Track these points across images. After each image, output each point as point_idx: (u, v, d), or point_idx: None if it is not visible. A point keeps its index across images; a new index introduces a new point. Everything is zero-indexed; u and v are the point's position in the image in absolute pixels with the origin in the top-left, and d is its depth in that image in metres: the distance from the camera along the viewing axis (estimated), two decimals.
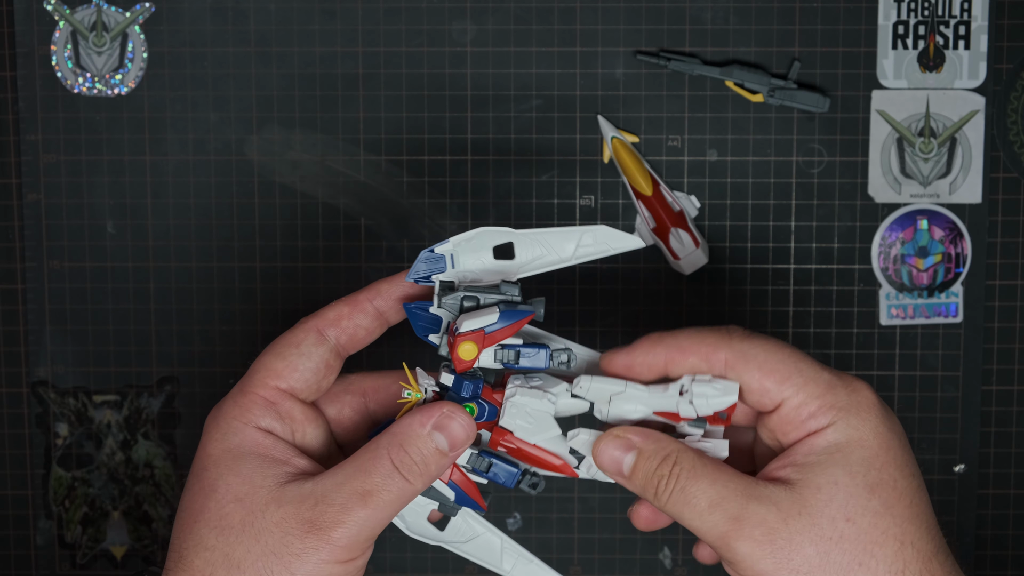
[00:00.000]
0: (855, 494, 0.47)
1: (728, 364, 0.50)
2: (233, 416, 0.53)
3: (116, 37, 0.72)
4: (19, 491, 0.75)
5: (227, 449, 0.52)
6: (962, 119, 0.71)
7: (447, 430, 0.51)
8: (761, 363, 0.50)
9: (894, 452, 0.48)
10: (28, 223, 0.73)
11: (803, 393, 0.49)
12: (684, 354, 0.51)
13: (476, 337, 0.51)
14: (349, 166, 0.72)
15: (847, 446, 0.48)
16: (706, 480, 0.48)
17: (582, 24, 0.71)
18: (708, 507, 0.48)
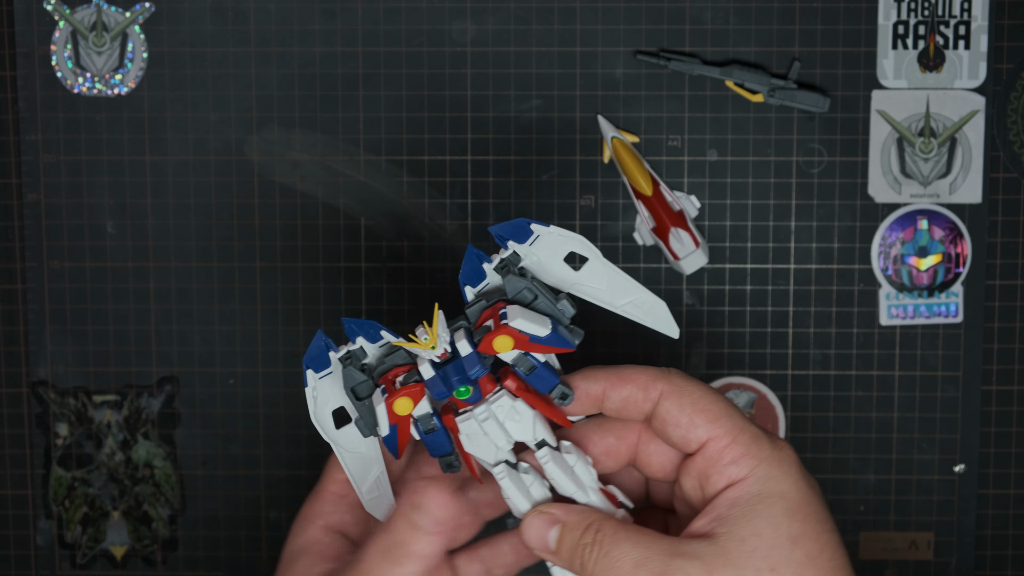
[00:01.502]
0: (778, 545, 0.47)
1: (664, 395, 0.51)
2: (304, 515, 0.57)
3: (116, 37, 0.72)
4: (19, 491, 0.75)
5: (292, 550, 0.56)
6: (962, 119, 0.71)
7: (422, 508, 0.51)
8: (696, 400, 0.50)
9: (814, 507, 0.49)
10: (28, 223, 0.73)
11: (729, 436, 0.50)
12: (623, 382, 0.52)
13: (519, 338, 0.50)
14: (349, 166, 0.72)
15: (769, 497, 0.48)
16: (628, 543, 0.49)
17: (582, 24, 0.71)
18: (632, 568, 0.48)
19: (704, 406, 0.50)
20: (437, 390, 0.50)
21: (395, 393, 0.50)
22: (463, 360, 0.50)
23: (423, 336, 0.50)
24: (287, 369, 0.74)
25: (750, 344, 0.73)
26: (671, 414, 0.51)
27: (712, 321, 0.73)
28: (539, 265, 0.52)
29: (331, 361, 0.52)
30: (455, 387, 0.50)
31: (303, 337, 0.73)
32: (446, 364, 0.50)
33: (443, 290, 0.73)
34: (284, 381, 0.74)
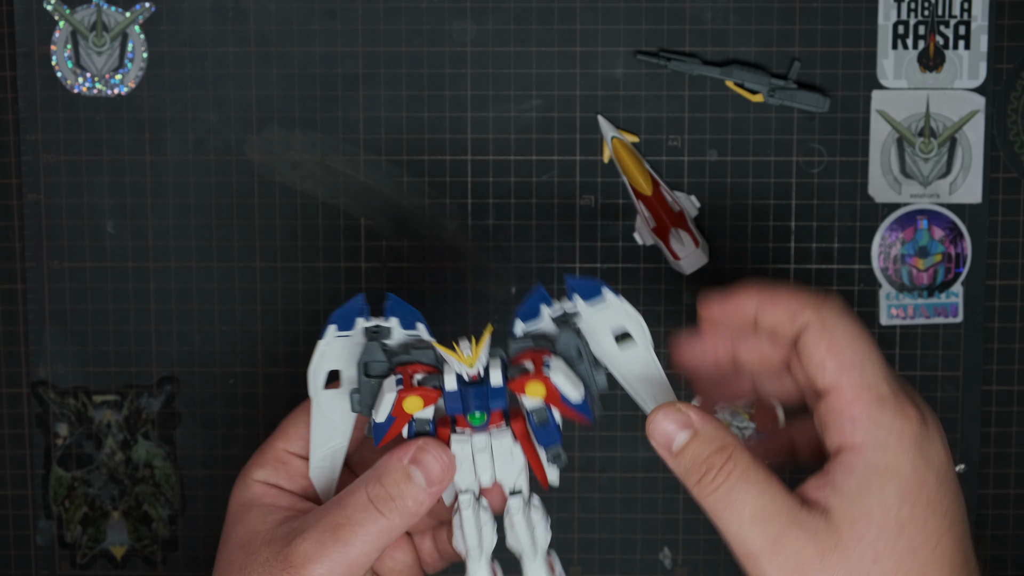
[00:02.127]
0: (886, 531, 0.46)
1: (808, 326, 0.49)
2: (247, 473, 0.56)
3: (116, 37, 0.72)
4: (19, 491, 0.75)
5: (240, 502, 0.55)
6: (962, 119, 0.71)
7: (424, 464, 0.50)
8: (834, 340, 0.48)
9: (928, 489, 0.47)
10: (28, 223, 0.73)
11: (852, 391, 0.47)
12: (774, 304, 0.50)
13: (552, 392, 0.49)
14: (349, 166, 0.72)
15: (884, 474, 0.46)
16: (756, 488, 0.46)
17: (582, 24, 0.71)
18: (751, 518, 0.46)
19: (840, 349, 0.48)
20: (453, 405, 0.50)
21: (411, 390, 0.50)
22: (490, 389, 0.50)
23: (465, 350, 0.49)
24: (287, 369, 0.74)
25: None
26: (806, 348, 0.49)
27: None
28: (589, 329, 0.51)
29: (356, 326, 0.51)
30: (471, 411, 0.50)
31: (303, 337, 0.73)
32: (471, 385, 0.50)
33: (443, 290, 0.73)
34: (284, 381, 0.74)
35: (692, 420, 0.49)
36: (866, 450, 0.47)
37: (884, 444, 0.46)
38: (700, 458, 0.48)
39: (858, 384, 0.47)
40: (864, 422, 0.47)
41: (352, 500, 0.51)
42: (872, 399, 0.47)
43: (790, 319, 0.49)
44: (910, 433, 0.47)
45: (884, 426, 0.47)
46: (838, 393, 0.47)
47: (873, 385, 0.47)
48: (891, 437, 0.47)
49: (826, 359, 0.48)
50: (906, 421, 0.47)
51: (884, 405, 0.47)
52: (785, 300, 0.50)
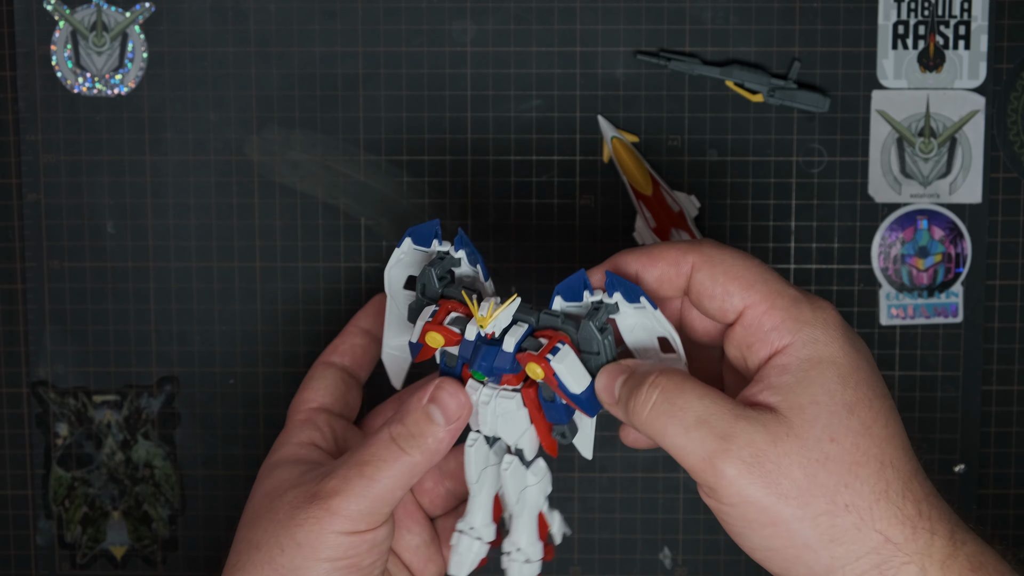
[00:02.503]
0: (836, 413, 0.46)
1: (696, 267, 0.49)
2: (279, 442, 0.59)
3: (116, 37, 0.72)
4: (19, 491, 0.75)
5: (270, 464, 0.57)
6: (962, 119, 0.71)
7: (443, 403, 0.52)
8: (728, 268, 0.49)
9: (864, 372, 0.47)
10: (28, 223, 0.73)
11: (766, 302, 0.47)
12: (654, 260, 0.50)
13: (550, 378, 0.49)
14: (349, 166, 0.72)
15: (820, 363, 0.46)
16: (693, 394, 0.46)
17: (582, 24, 0.71)
18: (695, 422, 0.46)
19: (737, 273, 0.48)
20: (464, 353, 0.51)
21: (438, 327, 0.51)
22: (499, 352, 0.50)
23: (484, 308, 0.50)
24: (287, 369, 0.74)
25: None
26: (704, 285, 0.49)
27: None
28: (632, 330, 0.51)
29: (431, 245, 0.53)
30: (474, 367, 0.51)
31: (303, 337, 0.73)
32: (487, 342, 0.51)
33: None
34: (284, 381, 0.74)
35: (626, 365, 0.49)
36: (796, 347, 0.47)
37: (812, 338, 0.47)
38: (631, 388, 0.48)
39: (768, 294, 0.48)
40: (788, 324, 0.47)
41: (376, 439, 0.53)
42: (786, 303, 0.47)
43: (675, 269, 0.50)
44: (833, 321, 0.47)
45: (807, 322, 0.47)
46: (752, 309, 0.48)
47: (782, 291, 0.48)
48: (816, 330, 0.47)
49: (727, 285, 0.48)
50: (826, 311, 0.48)
51: (800, 304, 0.47)
52: (663, 254, 0.50)
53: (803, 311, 0.47)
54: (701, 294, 0.49)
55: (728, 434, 0.45)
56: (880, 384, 0.48)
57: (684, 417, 0.46)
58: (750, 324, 0.48)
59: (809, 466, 0.45)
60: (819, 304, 0.48)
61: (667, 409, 0.46)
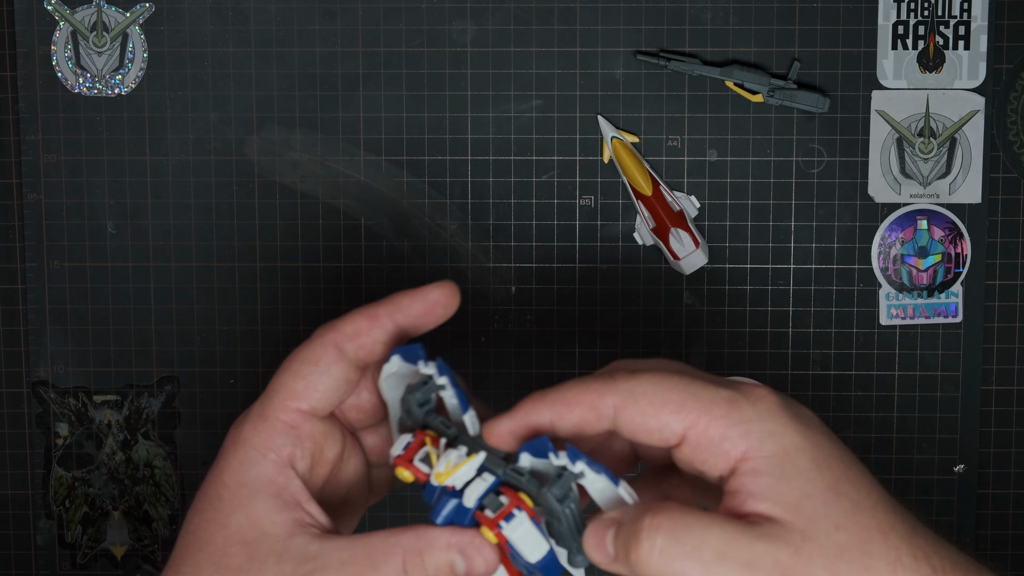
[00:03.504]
0: (827, 499, 0.44)
1: (617, 408, 0.46)
2: (252, 444, 0.50)
3: (116, 37, 0.72)
4: (19, 491, 0.75)
5: (242, 482, 0.50)
6: (962, 119, 0.71)
7: (471, 561, 0.48)
8: (651, 398, 0.46)
9: (826, 446, 0.45)
10: (28, 223, 0.73)
11: (705, 416, 0.45)
12: (569, 407, 0.47)
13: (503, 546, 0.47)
14: (349, 166, 0.72)
15: (787, 455, 0.45)
16: (700, 527, 0.44)
17: (582, 24, 0.71)
18: (715, 558, 0.43)
19: (664, 399, 0.45)
20: (428, 496, 0.49)
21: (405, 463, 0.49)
22: (458, 506, 0.48)
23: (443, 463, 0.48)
24: None
25: (750, 344, 0.73)
26: (635, 423, 0.46)
27: (712, 321, 0.73)
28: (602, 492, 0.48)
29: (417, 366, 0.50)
30: (432, 516, 0.48)
31: (303, 337, 0.73)
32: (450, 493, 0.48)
33: None
34: None
35: (611, 517, 0.46)
36: (756, 449, 0.45)
37: (766, 432, 0.45)
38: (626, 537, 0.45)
39: (702, 408, 0.45)
40: (735, 429, 0.45)
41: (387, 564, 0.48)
42: (723, 408, 0.45)
43: (595, 413, 0.47)
44: (777, 408, 0.45)
45: (753, 419, 0.45)
46: (693, 428, 0.45)
47: (715, 398, 0.45)
48: (766, 424, 0.45)
49: (659, 416, 0.45)
50: (765, 401, 0.46)
51: (737, 403, 0.45)
52: (576, 398, 0.47)
53: (744, 410, 0.45)
54: (635, 433, 0.46)
55: (751, 561, 0.43)
56: (845, 452, 0.46)
57: (701, 555, 0.43)
58: (697, 443, 0.45)
59: (831, 563, 0.43)
60: (756, 395, 0.46)
61: (679, 551, 0.43)
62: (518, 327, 0.73)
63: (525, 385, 0.73)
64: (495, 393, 0.73)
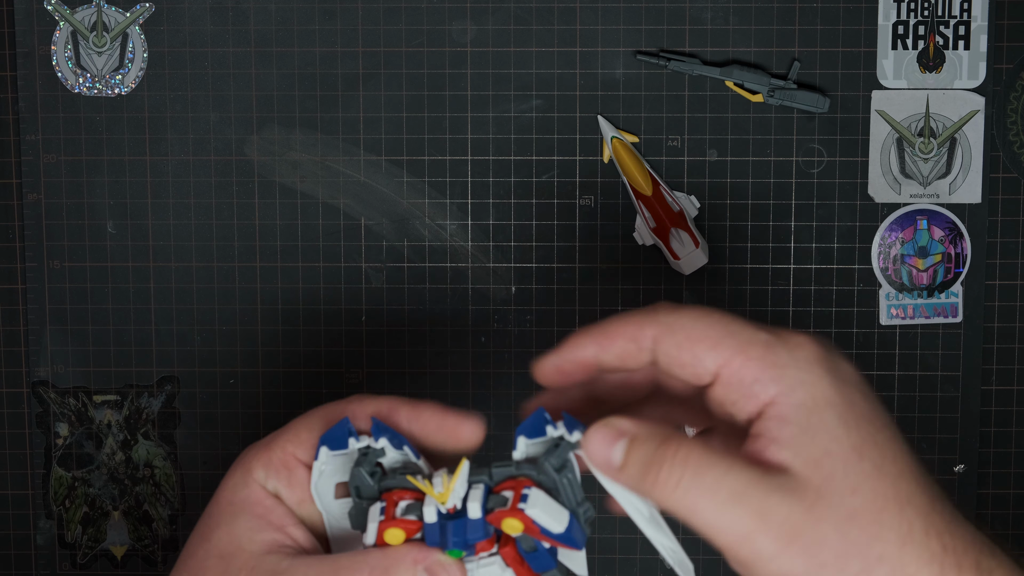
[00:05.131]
0: (848, 460, 0.43)
1: (656, 340, 0.46)
2: (248, 468, 0.51)
3: (116, 37, 0.72)
4: (19, 491, 0.75)
5: (231, 501, 0.51)
6: (962, 119, 0.71)
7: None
8: (689, 332, 0.45)
9: (859, 406, 0.44)
10: (28, 223, 0.73)
11: (740, 356, 0.44)
12: (611, 339, 0.47)
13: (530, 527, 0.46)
14: (349, 166, 0.72)
15: (816, 408, 0.44)
16: (721, 467, 0.43)
17: (582, 24, 0.71)
18: (729, 499, 0.43)
19: (701, 334, 0.45)
20: (432, 538, 0.48)
21: (392, 521, 0.48)
22: (467, 522, 0.47)
23: (438, 484, 0.47)
24: (287, 369, 0.74)
25: None
26: (671, 356, 0.46)
27: None
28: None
29: (349, 445, 0.49)
30: (449, 547, 0.47)
31: (303, 337, 0.73)
32: (451, 517, 0.48)
33: (443, 290, 0.73)
34: (284, 381, 0.74)
35: (624, 428, 0.46)
36: (786, 394, 0.44)
37: (799, 381, 0.44)
38: (647, 459, 0.45)
39: (738, 347, 0.45)
40: (768, 373, 0.44)
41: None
42: (760, 351, 0.45)
43: (635, 345, 0.47)
44: (815, 358, 0.45)
45: (787, 365, 0.44)
46: (726, 367, 0.45)
47: (752, 339, 0.45)
48: (800, 372, 0.44)
49: (695, 350, 0.45)
50: (804, 350, 0.45)
51: (774, 348, 0.45)
52: (618, 331, 0.47)
53: (779, 355, 0.45)
54: (671, 365, 0.46)
55: (764, 510, 0.43)
56: (878, 413, 0.45)
57: (716, 495, 0.43)
58: (728, 382, 0.45)
59: (841, 526, 0.43)
60: (795, 342, 0.45)
61: (697, 486, 0.43)
62: (518, 327, 0.73)
63: (525, 385, 0.73)
64: (495, 393, 0.73)
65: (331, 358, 0.74)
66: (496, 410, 0.73)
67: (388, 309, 0.73)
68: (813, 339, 0.46)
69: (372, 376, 0.72)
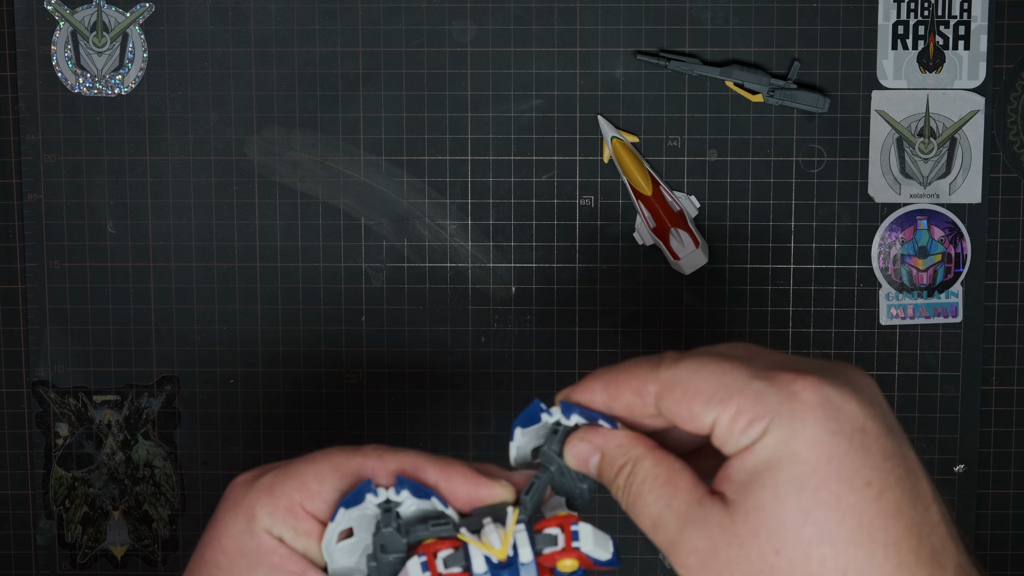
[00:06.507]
0: (784, 522, 0.42)
1: (658, 396, 0.46)
2: (253, 515, 0.49)
3: (116, 37, 0.72)
4: (19, 491, 0.75)
5: (242, 551, 0.49)
6: (962, 119, 0.71)
7: None
8: (686, 388, 0.45)
9: (837, 463, 0.43)
10: (28, 223, 0.73)
11: (731, 409, 0.44)
12: (619, 391, 0.48)
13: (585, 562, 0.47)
14: (349, 166, 0.72)
15: (776, 464, 0.43)
16: (652, 495, 0.46)
17: (582, 24, 0.71)
18: (651, 526, 0.45)
19: (696, 389, 0.45)
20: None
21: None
22: (521, 567, 0.47)
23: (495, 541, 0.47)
24: (287, 369, 0.74)
25: None
26: (672, 413, 0.46)
27: (712, 321, 0.73)
28: None
29: (365, 499, 0.48)
30: None
31: (303, 337, 0.73)
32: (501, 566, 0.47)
33: (443, 290, 0.73)
34: (284, 381, 0.74)
35: (596, 443, 0.48)
36: (755, 447, 0.44)
37: (776, 435, 0.43)
38: (609, 479, 0.48)
39: (729, 400, 0.44)
40: (754, 425, 0.44)
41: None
42: (750, 403, 0.44)
43: (640, 400, 0.47)
44: (805, 407, 0.43)
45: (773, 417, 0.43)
46: (719, 422, 0.45)
47: (744, 390, 0.44)
48: (782, 422, 0.43)
49: (691, 407, 0.45)
50: (796, 400, 0.43)
51: (764, 399, 0.44)
52: (625, 383, 0.47)
53: (767, 405, 0.44)
54: (673, 420, 0.47)
55: (675, 540, 0.45)
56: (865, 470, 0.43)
57: (644, 520, 0.46)
58: (721, 434, 0.45)
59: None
60: (792, 389, 0.44)
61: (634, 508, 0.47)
62: (518, 327, 0.73)
63: (525, 385, 0.73)
64: (495, 393, 0.73)
65: (331, 358, 0.74)
66: (496, 410, 0.73)
67: (388, 309, 0.73)
68: (815, 385, 0.44)
69: (372, 376, 0.72)
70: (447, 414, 0.74)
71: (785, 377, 0.44)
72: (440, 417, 0.74)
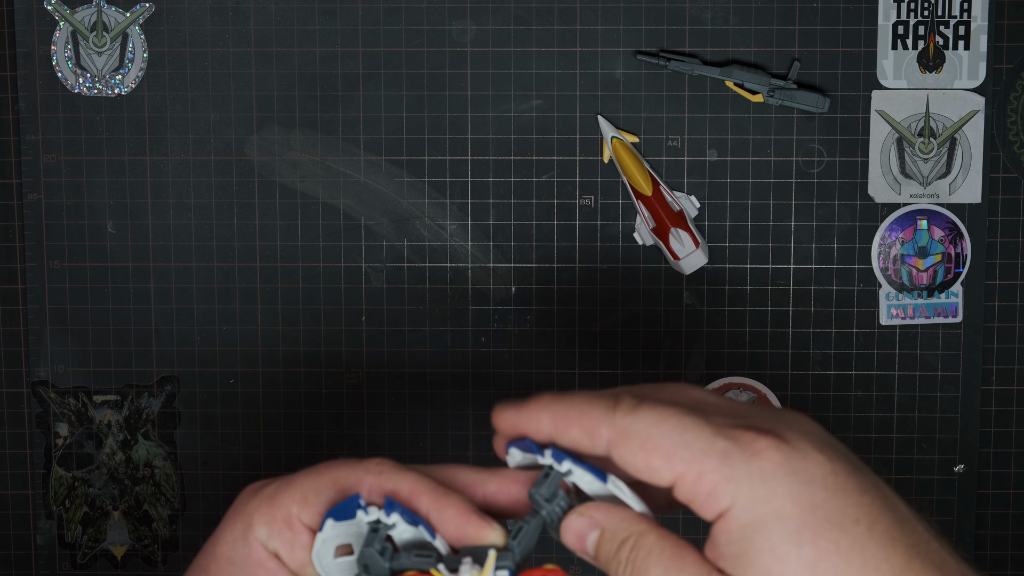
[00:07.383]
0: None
1: (611, 443, 0.45)
2: (250, 524, 0.49)
3: (116, 37, 0.72)
4: (19, 491, 0.75)
5: (231, 559, 0.49)
6: (962, 119, 0.71)
7: None
8: (643, 440, 0.44)
9: (823, 510, 0.42)
10: (28, 223, 0.73)
11: (694, 469, 0.43)
12: (567, 426, 0.47)
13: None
14: (349, 166, 0.72)
15: (762, 526, 0.43)
16: (659, 568, 0.44)
17: (582, 24, 0.71)
18: None
19: (655, 444, 0.44)
20: None
21: None
22: None
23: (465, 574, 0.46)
24: (287, 369, 0.74)
25: (750, 344, 0.73)
26: (627, 462, 0.45)
27: (712, 321, 0.73)
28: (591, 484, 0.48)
29: (357, 516, 0.48)
30: None
31: (303, 337, 0.73)
32: None
33: (443, 290, 0.73)
34: (284, 381, 0.74)
35: (596, 519, 0.46)
36: (735, 512, 0.43)
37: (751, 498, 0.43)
38: (609, 555, 0.46)
39: (693, 458, 0.44)
40: (722, 487, 0.43)
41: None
42: (715, 462, 0.43)
43: (590, 440, 0.46)
44: (773, 467, 0.43)
45: (742, 479, 0.43)
46: (682, 479, 0.44)
47: (707, 449, 0.44)
48: (754, 488, 0.43)
49: (649, 461, 0.44)
50: (761, 459, 0.43)
51: (730, 460, 0.43)
52: (575, 419, 0.46)
53: (735, 468, 0.43)
54: (626, 468, 0.46)
55: None
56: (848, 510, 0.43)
57: None
58: (685, 493, 0.44)
59: None
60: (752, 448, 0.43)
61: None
62: (518, 327, 0.73)
63: (525, 385, 0.73)
64: (495, 393, 0.73)
65: (331, 358, 0.74)
66: None
67: (388, 309, 0.73)
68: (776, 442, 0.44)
69: (372, 376, 0.72)
70: (447, 414, 0.74)
71: (746, 437, 0.44)
72: (440, 417, 0.74)
